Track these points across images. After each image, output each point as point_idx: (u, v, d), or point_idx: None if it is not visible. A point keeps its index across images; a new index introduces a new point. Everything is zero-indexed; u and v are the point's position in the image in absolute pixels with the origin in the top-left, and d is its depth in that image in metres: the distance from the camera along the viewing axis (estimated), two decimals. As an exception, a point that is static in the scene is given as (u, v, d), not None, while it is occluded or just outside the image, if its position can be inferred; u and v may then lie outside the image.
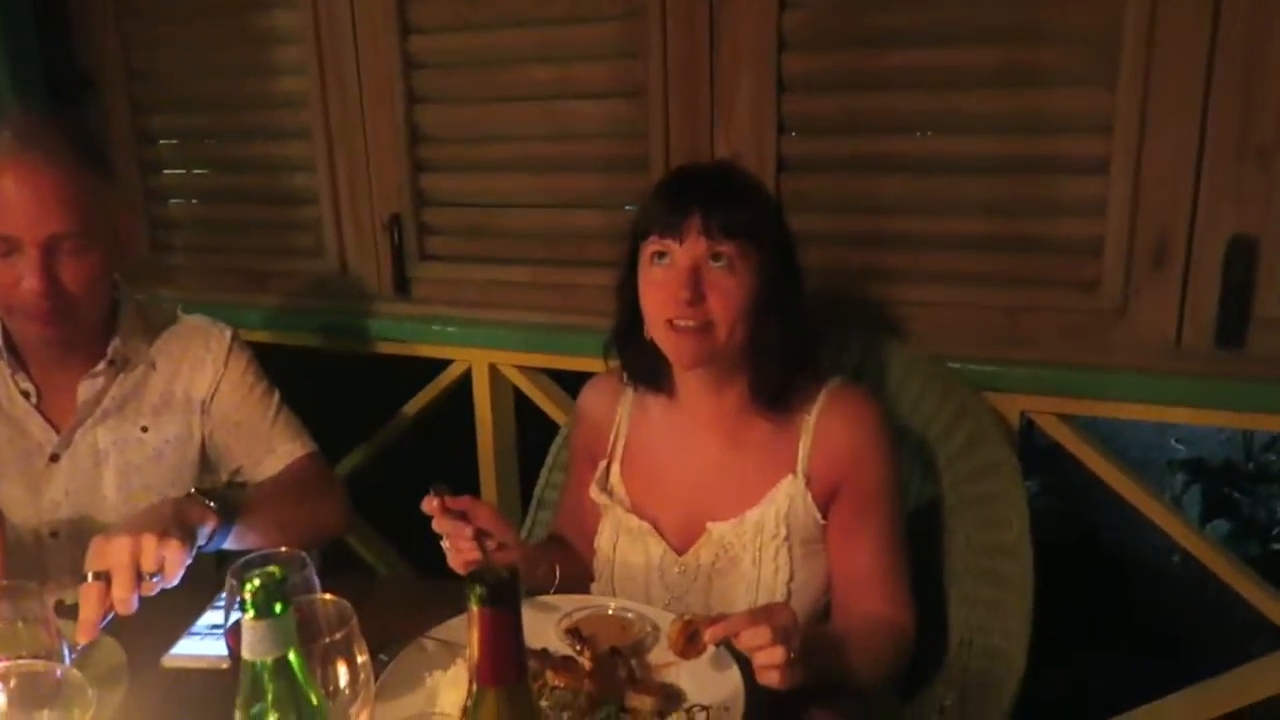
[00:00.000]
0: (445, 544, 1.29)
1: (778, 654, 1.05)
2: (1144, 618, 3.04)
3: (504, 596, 0.72)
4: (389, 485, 2.51)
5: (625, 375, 1.48)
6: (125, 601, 1.23)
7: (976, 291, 1.80)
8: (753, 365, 1.38)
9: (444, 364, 2.27)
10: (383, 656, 1.21)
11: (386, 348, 2.28)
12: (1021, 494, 1.51)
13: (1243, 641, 1.95)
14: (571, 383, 2.18)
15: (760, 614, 1.08)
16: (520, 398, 2.25)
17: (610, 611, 1.27)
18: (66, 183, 1.43)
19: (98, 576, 1.24)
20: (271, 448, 1.66)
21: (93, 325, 1.57)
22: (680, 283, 1.30)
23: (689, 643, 1.08)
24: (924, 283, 1.83)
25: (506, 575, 0.72)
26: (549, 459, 1.86)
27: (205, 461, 1.65)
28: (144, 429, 1.60)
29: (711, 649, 1.12)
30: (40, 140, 1.43)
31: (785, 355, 1.36)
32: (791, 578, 1.36)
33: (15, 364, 1.56)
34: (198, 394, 1.64)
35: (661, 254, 1.33)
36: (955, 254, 1.81)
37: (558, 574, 1.40)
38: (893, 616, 1.35)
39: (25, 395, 1.56)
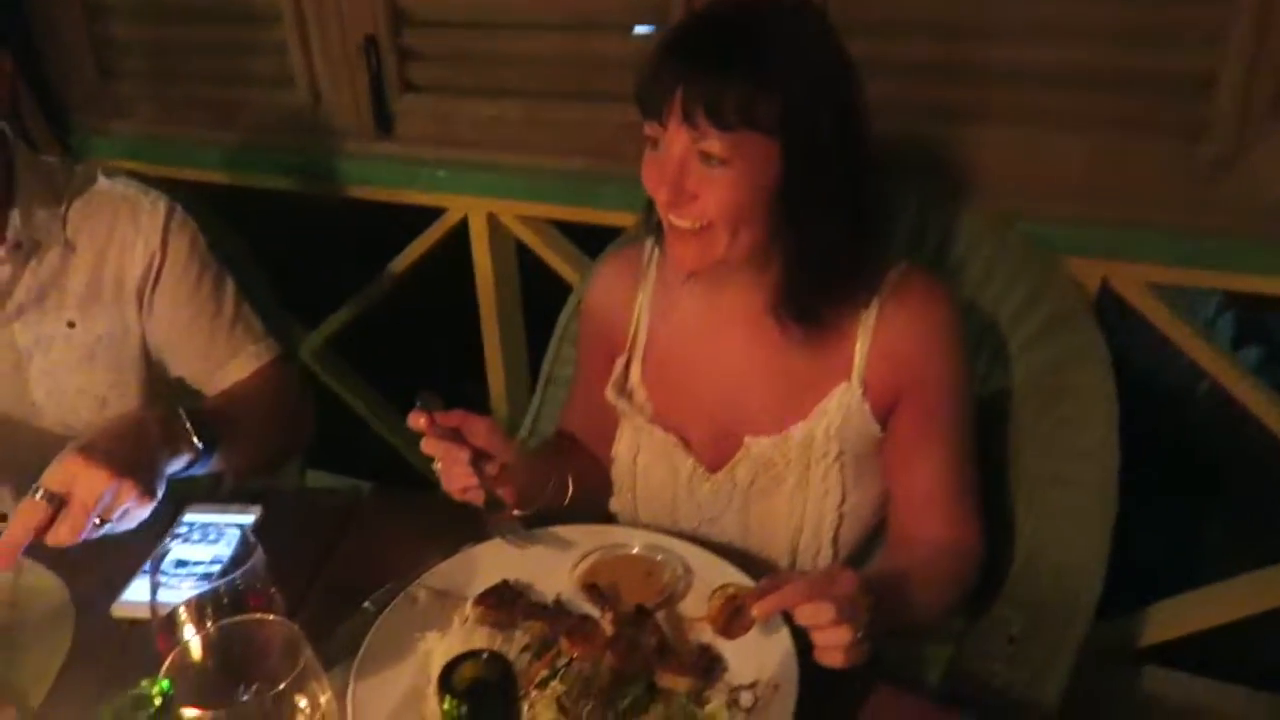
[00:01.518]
0: (437, 466, 1.09)
1: (843, 634, 0.87)
2: (1171, 448, 2.91)
3: (488, 706, 0.50)
4: (376, 352, 2.32)
5: (656, 253, 1.23)
6: (65, 542, 1.05)
7: (1057, 136, 1.51)
8: (781, 275, 1.12)
9: (436, 213, 2.00)
10: (369, 606, 1.04)
11: (368, 193, 2.02)
12: (1110, 388, 1.29)
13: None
14: (582, 238, 1.94)
15: (820, 584, 0.89)
16: (523, 252, 2.00)
17: (635, 552, 1.08)
18: None
19: (49, 498, 1.05)
20: (232, 352, 1.41)
21: None
22: (662, 177, 1.03)
23: (732, 619, 0.90)
24: (995, 124, 1.54)
25: (496, 673, 0.51)
26: (559, 329, 1.64)
27: (149, 361, 1.41)
28: (70, 324, 1.35)
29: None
30: None
31: (827, 265, 1.10)
32: (843, 500, 1.16)
33: None
34: (130, 281, 1.37)
35: (653, 140, 1.06)
36: (1033, 88, 1.51)
37: (570, 488, 1.21)
38: (960, 540, 1.16)
39: None
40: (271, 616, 0.74)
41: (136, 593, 1.08)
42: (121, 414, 1.21)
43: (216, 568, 1.07)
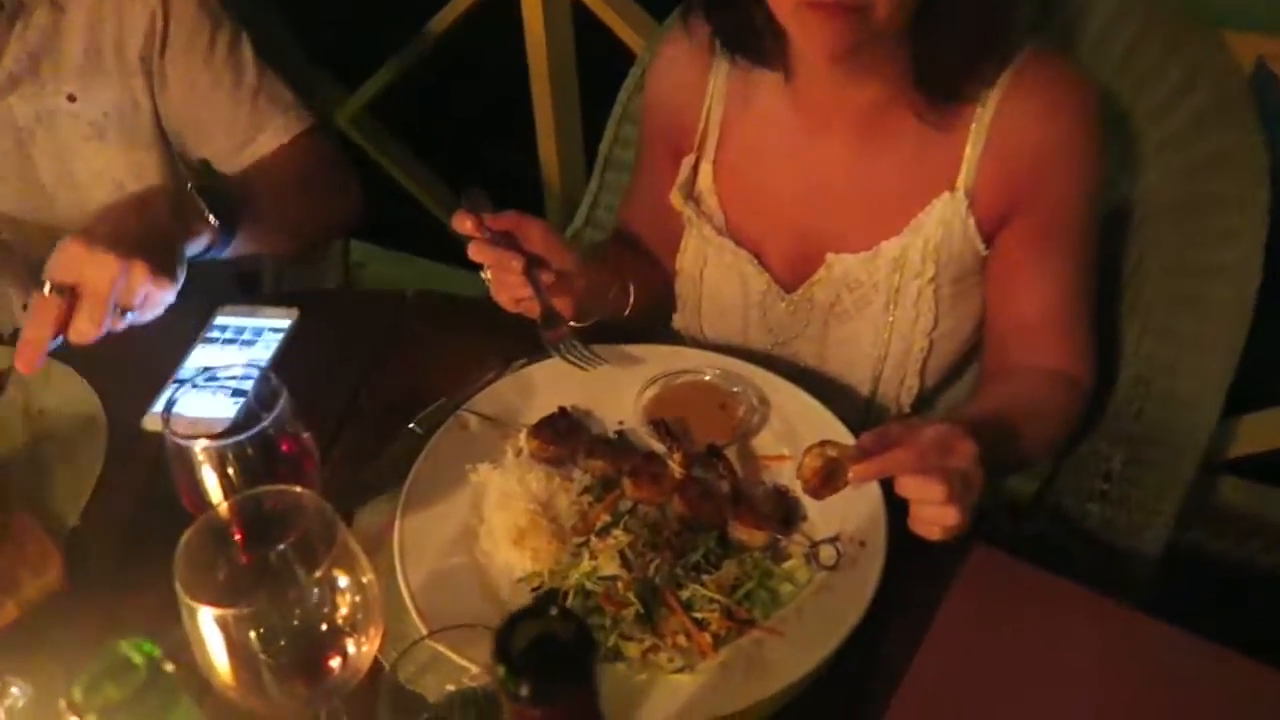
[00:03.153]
0: (486, 275, 0.97)
1: (949, 516, 0.76)
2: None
3: (561, 685, 0.40)
4: (419, 120, 2.14)
5: (718, 41, 1.03)
6: (88, 335, 0.96)
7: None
8: (920, 42, 0.93)
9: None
10: (415, 428, 0.96)
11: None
12: (1263, 199, 1.11)
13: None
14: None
15: (934, 452, 0.77)
16: (579, 11, 1.78)
17: (707, 379, 0.97)
18: None
19: (59, 291, 0.96)
20: (257, 125, 1.25)
21: None
22: None
23: (825, 481, 0.79)
24: None
25: (569, 636, 0.40)
26: (619, 105, 1.45)
27: (166, 140, 1.26)
28: (70, 97, 1.19)
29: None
30: None
31: (970, 25, 0.91)
32: (934, 326, 1.03)
33: None
34: (132, 48, 1.20)
35: None
36: None
37: (631, 297, 1.08)
38: (1069, 372, 1.03)
39: None
40: (300, 489, 0.64)
41: (164, 404, 1.00)
42: (138, 193, 1.08)
43: (250, 377, 0.99)
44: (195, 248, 1.06)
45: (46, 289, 0.96)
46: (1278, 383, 1.55)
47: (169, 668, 0.42)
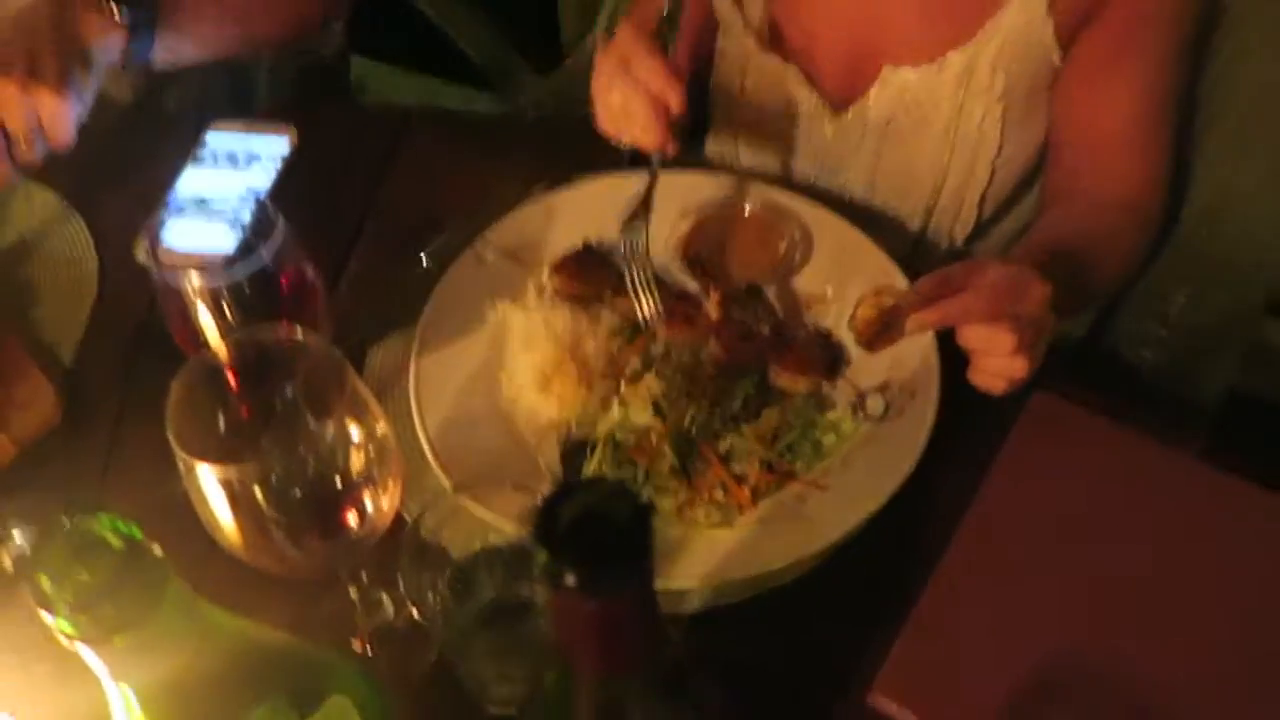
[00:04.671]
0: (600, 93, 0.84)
1: (1017, 367, 0.69)
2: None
3: (617, 572, 0.33)
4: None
5: None
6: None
7: None
8: None
9: None
10: (426, 260, 0.88)
11: None
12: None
13: None
14: None
15: (1005, 298, 0.69)
16: None
17: (746, 212, 0.88)
18: None
19: None
20: None
21: None
22: None
23: (881, 333, 0.72)
24: None
25: (626, 514, 0.33)
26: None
27: None
28: None
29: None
30: None
31: None
32: (999, 151, 0.93)
33: None
34: None
35: None
36: None
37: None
38: (1140, 200, 0.94)
39: None
40: (304, 329, 0.57)
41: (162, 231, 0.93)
42: None
43: (248, 204, 0.91)
44: (105, 49, 0.90)
45: None
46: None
47: (155, 550, 0.36)
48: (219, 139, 1.00)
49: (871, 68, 0.93)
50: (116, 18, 0.90)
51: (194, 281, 0.65)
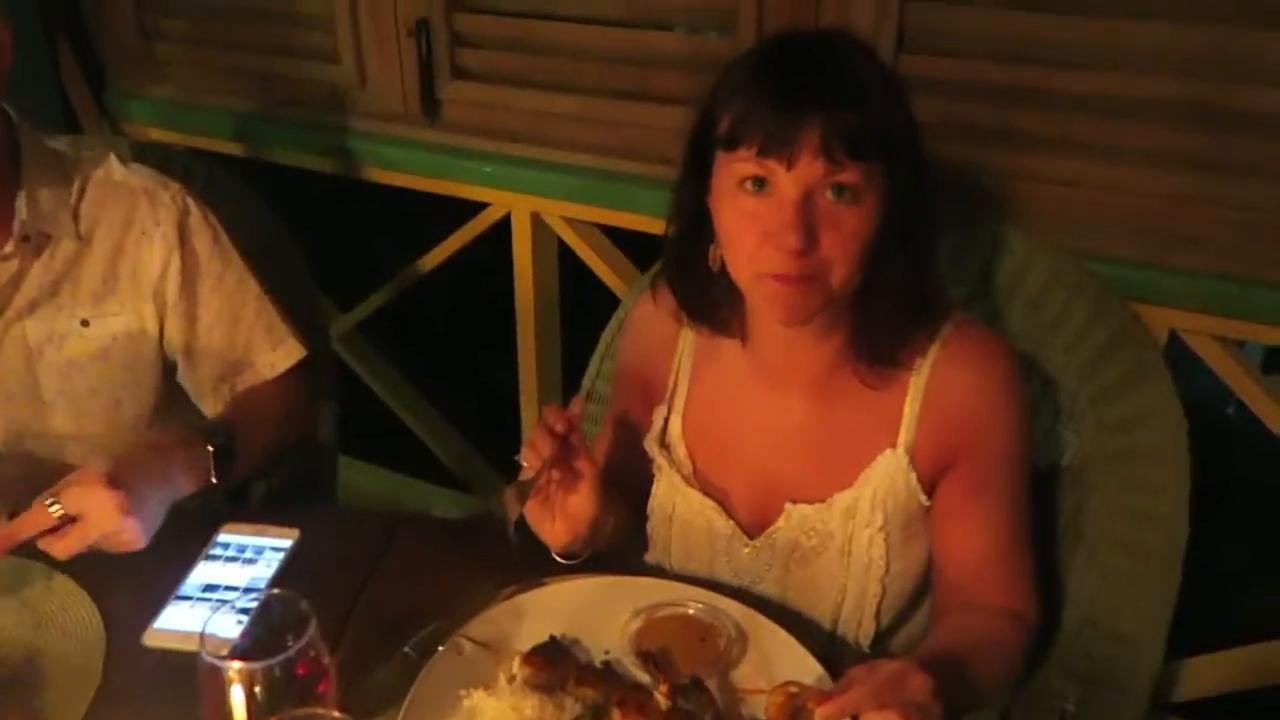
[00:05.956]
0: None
1: (910, 745, 0.82)
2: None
3: None
4: (405, 342, 2.27)
5: (683, 314, 1.16)
6: (63, 555, 1.06)
7: (1136, 172, 1.44)
8: (860, 315, 1.07)
9: (478, 206, 1.94)
10: (410, 652, 1.00)
11: (410, 181, 1.96)
12: (1184, 454, 1.24)
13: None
14: (625, 241, 1.88)
15: (891, 688, 0.84)
16: (564, 251, 1.95)
17: (690, 613, 1.04)
18: None
19: (62, 517, 1.05)
20: (250, 359, 1.36)
21: None
22: (788, 223, 0.95)
23: (792, 718, 0.85)
24: (1068, 154, 1.46)
25: None
26: (602, 344, 1.58)
27: (164, 362, 1.35)
28: (84, 322, 1.28)
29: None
30: None
31: (904, 301, 1.05)
32: (886, 571, 1.12)
33: None
34: (147, 280, 1.29)
35: (759, 180, 0.98)
36: (1115, 121, 1.43)
37: (621, 532, 1.16)
38: (1017, 609, 1.11)
39: None
40: (336, 715, 0.69)
41: (171, 620, 1.04)
42: (151, 439, 1.18)
43: (254, 593, 1.04)
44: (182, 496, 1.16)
45: (55, 509, 1.05)
46: (1221, 627, 1.64)
47: None
48: (230, 537, 1.15)
49: (777, 504, 1.14)
50: (210, 466, 1.15)
51: (233, 669, 0.76)
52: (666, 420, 1.21)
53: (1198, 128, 1.38)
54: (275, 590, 0.87)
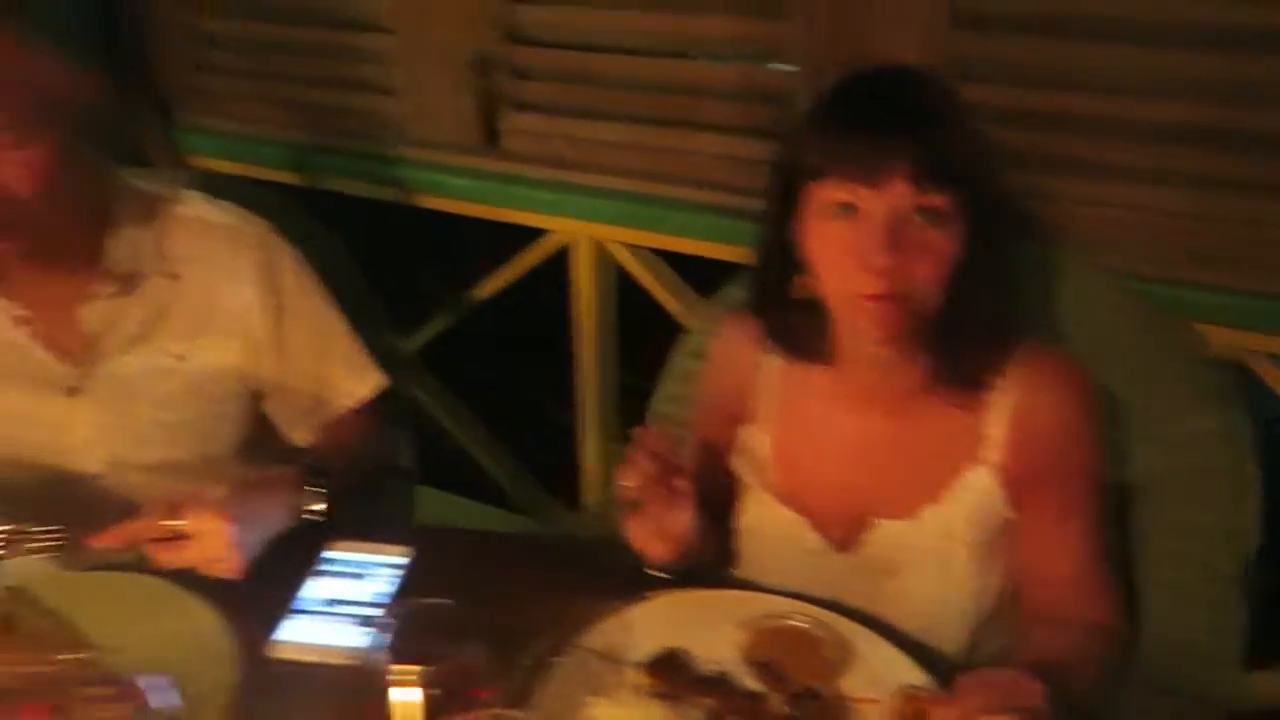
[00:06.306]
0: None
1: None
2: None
3: None
4: (462, 368, 2.32)
5: (769, 341, 1.21)
6: (163, 565, 1.12)
7: (1156, 192, 1.50)
8: (944, 336, 1.11)
9: (533, 233, 1.99)
10: (528, 662, 1.03)
11: (469, 209, 2.00)
12: (1252, 472, 1.27)
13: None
14: (675, 264, 1.94)
15: (1006, 694, 0.87)
16: (621, 278, 1.99)
17: (796, 624, 1.07)
18: None
19: (175, 532, 1.10)
20: (334, 389, 1.40)
21: (71, 226, 1.24)
22: (878, 244, 1.00)
23: (914, 722, 0.89)
24: (1098, 176, 1.53)
25: None
26: (670, 367, 1.62)
27: (252, 396, 1.40)
28: (178, 358, 1.32)
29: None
30: None
31: (986, 323, 1.10)
32: (975, 584, 1.16)
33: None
34: (237, 314, 1.34)
35: (848, 205, 1.03)
36: (1142, 146, 1.49)
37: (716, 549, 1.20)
38: (1105, 623, 1.15)
39: (22, 323, 1.29)
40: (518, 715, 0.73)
41: (292, 632, 1.08)
42: (260, 477, 1.23)
43: (379, 607, 1.09)
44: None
45: (172, 523, 1.10)
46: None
47: None
48: (337, 554, 1.19)
49: (863, 517, 1.18)
50: (314, 504, 1.21)
51: (415, 673, 0.79)
52: (755, 441, 1.25)
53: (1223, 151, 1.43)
54: (433, 600, 0.91)
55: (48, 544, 1.12)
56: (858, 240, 1.02)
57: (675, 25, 1.75)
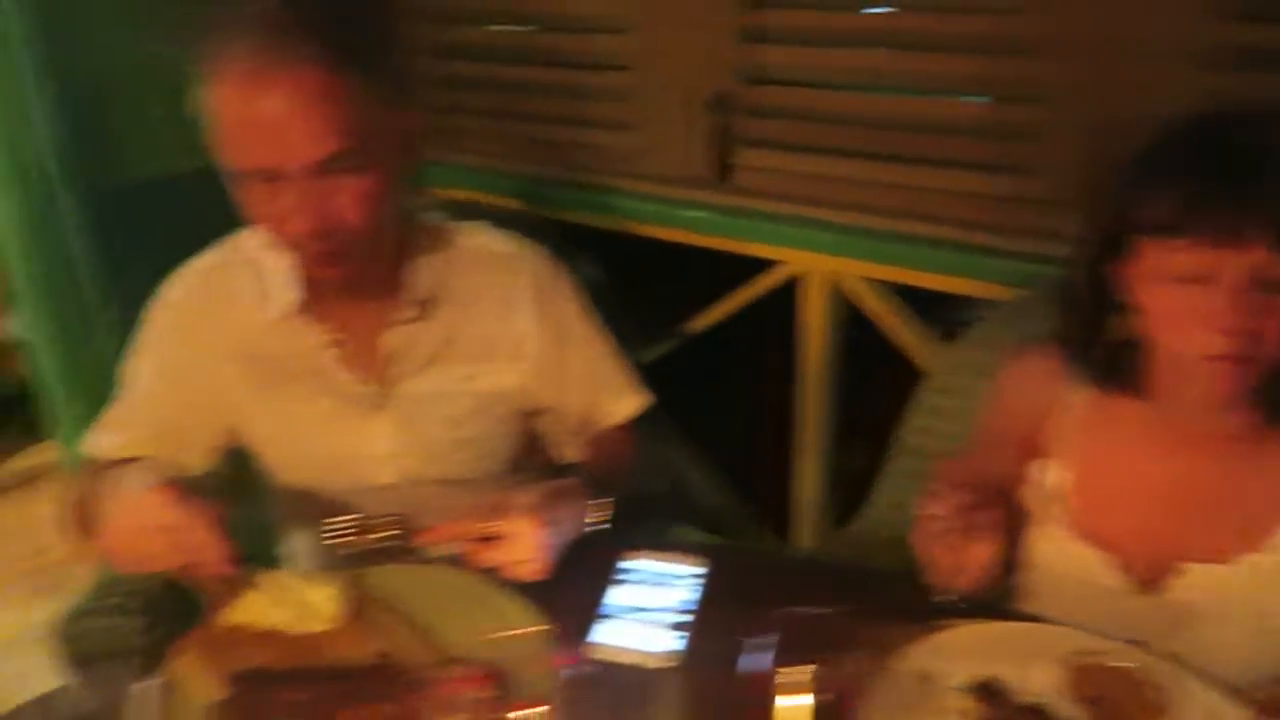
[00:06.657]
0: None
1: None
2: None
3: None
4: (675, 396, 2.36)
5: (1078, 375, 1.20)
6: (483, 564, 1.20)
7: None
8: (1277, 385, 1.07)
9: (762, 265, 2.02)
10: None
11: (701, 240, 2.06)
12: None
13: None
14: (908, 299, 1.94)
15: None
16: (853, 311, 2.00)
17: (1118, 664, 1.05)
18: (330, 89, 1.12)
19: (484, 532, 1.17)
20: (602, 408, 1.48)
21: (384, 256, 1.33)
22: (1232, 310, 0.98)
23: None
24: None
25: None
26: (918, 400, 1.62)
27: (530, 415, 1.47)
28: (468, 378, 1.40)
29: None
30: (290, 37, 1.10)
31: None
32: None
33: (313, 312, 1.35)
34: (519, 338, 1.41)
35: (1202, 274, 1.00)
36: None
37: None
38: None
39: (333, 345, 1.37)
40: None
41: (603, 635, 1.12)
42: (560, 486, 1.28)
43: (684, 613, 1.11)
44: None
45: (491, 525, 1.18)
46: None
47: None
48: (634, 564, 1.23)
49: (1172, 562, 1.14)
50: (598, 515, 1.28)
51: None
52: (1052, 475, 1.23)
53: None
54: (814, 610, 0.93)
55: (390, 535, 1.20)
56: (1209, 304, 1.00)
57: (924, 65, 1.77)
